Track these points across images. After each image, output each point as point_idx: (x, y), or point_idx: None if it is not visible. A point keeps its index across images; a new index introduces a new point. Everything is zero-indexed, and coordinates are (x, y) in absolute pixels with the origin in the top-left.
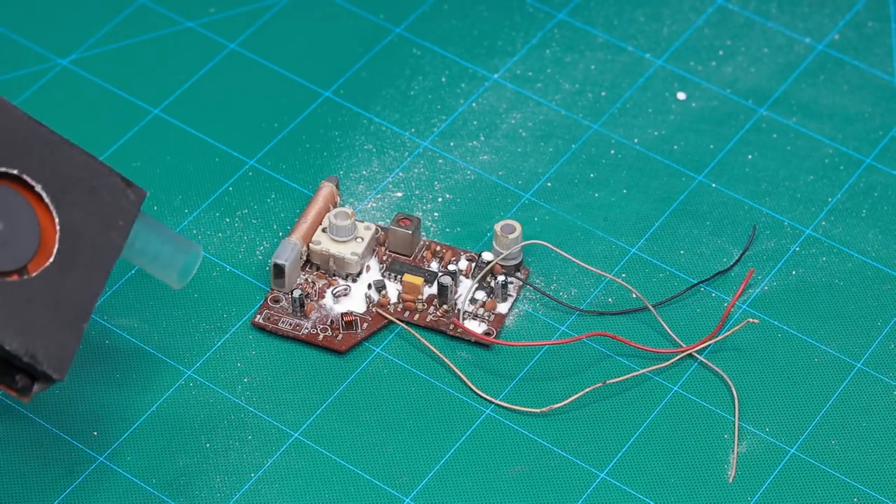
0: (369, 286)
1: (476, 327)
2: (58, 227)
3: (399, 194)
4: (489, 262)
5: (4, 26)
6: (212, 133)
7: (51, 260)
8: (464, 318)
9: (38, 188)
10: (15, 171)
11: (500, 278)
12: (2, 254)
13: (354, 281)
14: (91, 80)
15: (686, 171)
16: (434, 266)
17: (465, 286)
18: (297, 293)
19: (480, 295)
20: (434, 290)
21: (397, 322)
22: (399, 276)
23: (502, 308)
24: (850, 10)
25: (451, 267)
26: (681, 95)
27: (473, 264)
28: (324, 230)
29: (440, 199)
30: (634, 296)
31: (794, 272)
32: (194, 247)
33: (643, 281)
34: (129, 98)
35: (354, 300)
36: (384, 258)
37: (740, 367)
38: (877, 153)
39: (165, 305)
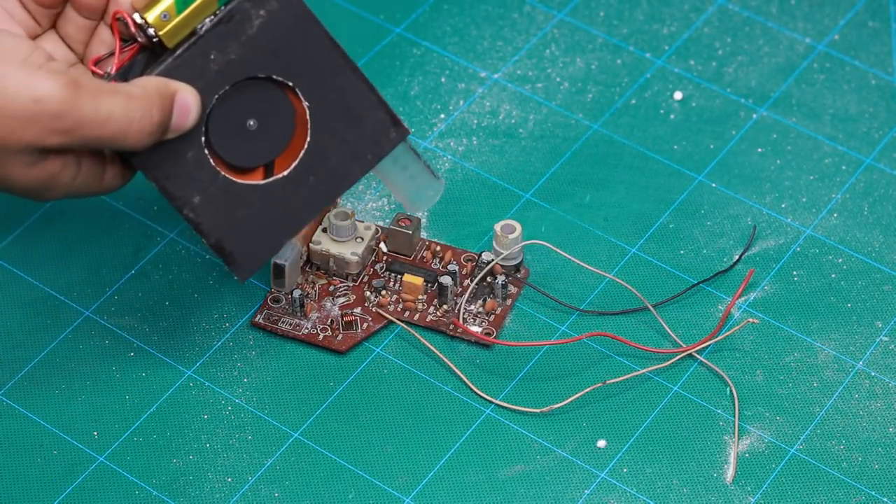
0: (369, 286)
1: (476, 327)
2: (307, 143)
3: None
4: (489, 262)
5: None
6: None
7: (286, 172)
8: (464, 319)
9: (306, 104)
10: (290, 83)
11: (500, 278)
12: (244, 149)
13: (354, 281)
14: None
15: (686, 171)
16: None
17: (465, 287)
18: (297, 293)
19: (480, 295)
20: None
21: (397, 322)
22: (399, 276)
23: (502, 308)
24: (850, 10)
25: (451, 267)
26: (677, 95)
27: (473, 264)
28: (324, 230)
29: (440, 200)
30: (635, 296)
31: (794, 272)
32: (439, 180)
33: (643, 281)
34: None
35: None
36: (384, 258)
37: (740, 367)
38: (877, 153)
39: (165, 305)
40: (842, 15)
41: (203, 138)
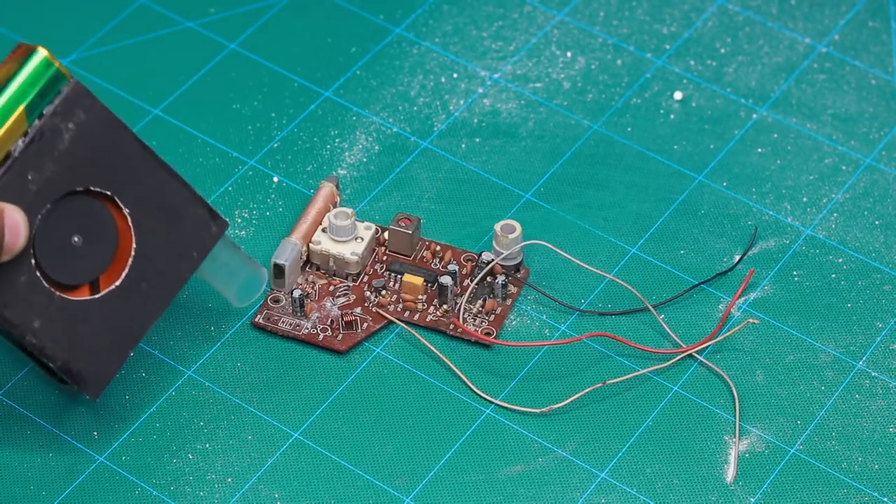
0: (369, 286)
1: (476, 327)
2: (133, 251)
3: (399, 194)
4: (489, 262)
5: (4, 26)
6: (212, 133)
7: (118, 283)
8: (464, 319)
9: (126, 211)
10: (108, 192)
11: (500, 278)
12: (73, 267)
13: (354, 281)
14: (91, 79)
15: (686, 171)
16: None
17: (465, 287)
18: (297, 293)
19: (480, 295)
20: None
21: (397, 322)
22: (399, 276)
23: (502, 308)
24: (850, 10)
25: (451, 267)
26: (677, 95)
27: (473, 264)
28: (324, 230)
29: (440, 200)
30: (635, 296)
31: (794, 272)
32: (260, 269)
33: (643, 281)
34: (129, 98)
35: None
36: (384, 258)
37: (740, 367)
38: (877, 153)
39: None
40: (842, 15)
41: (33, 260)
